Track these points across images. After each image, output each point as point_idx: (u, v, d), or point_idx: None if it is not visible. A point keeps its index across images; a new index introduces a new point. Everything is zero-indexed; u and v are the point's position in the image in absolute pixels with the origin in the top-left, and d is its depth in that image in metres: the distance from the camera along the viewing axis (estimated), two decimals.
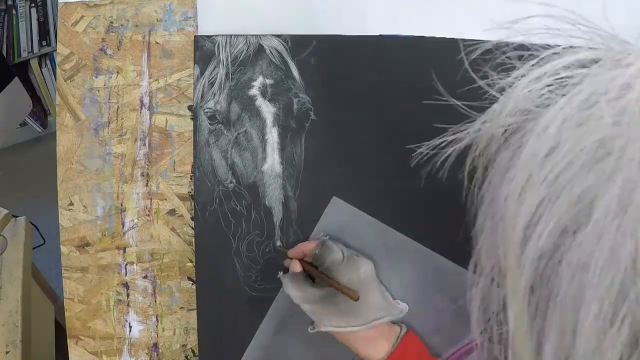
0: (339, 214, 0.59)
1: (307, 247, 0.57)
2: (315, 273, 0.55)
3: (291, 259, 0.58)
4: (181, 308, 0.63)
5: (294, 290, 0.54)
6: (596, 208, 0.17)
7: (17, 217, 0.96)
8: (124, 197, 0.63)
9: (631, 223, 0.16)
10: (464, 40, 0.60)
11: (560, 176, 0.18)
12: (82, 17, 0.62)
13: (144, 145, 0.62)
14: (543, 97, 0.20)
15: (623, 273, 0.15)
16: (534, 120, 0.20)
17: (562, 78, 0.20)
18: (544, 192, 0.18)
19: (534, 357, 0.18)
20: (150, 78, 0.62)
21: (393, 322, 0.55)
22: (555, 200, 0.18)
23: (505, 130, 0.22)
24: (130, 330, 0.64)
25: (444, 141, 0.25)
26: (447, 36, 0.60)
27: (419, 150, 0.26)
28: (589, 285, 0.16)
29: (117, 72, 0.62)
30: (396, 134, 0.60)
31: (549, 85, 0.20)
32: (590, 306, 0.16)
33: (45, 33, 1.62)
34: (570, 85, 0.20)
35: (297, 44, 0.60)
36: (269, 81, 0.60)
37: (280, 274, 0.58)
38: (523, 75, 0.21)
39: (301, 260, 0.57)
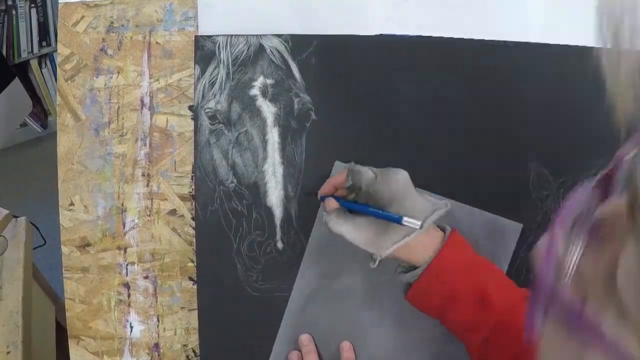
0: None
1: (337, 181, 0.55)
2: (354, 208, 0.53)
3: (321, 199, 0.57)
4: (182, 308, 0.63)
5: (345, 226, 0.52)
6: None
7: (17, 217, 0.96)
8: (125, 197, 0.63)
9: None
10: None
11: None
12: (82, 17, 0.62)
13: (145, 145, 0.62)
14: None
15: None
16: None
17: None
18: None
19: None
20: (150, 78, 0.62)
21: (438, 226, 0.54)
22: None
23: None
24: (131, 331, 0.64)
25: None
26: (447, 36, 0.60)
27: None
28: None
29: (118, 72, 0.62)
30: (396, 134, 0.61)
31: None
32: None
33: (45, 33, 1.62)
34: None
35: (298, 44, 0.60)
36: (269, 81, 0.60)
37: (325, 214, 0.54)
38: None
39: (334, 197, 0.55)
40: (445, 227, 0.54)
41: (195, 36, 0.61)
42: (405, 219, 0.49)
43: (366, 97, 0.60)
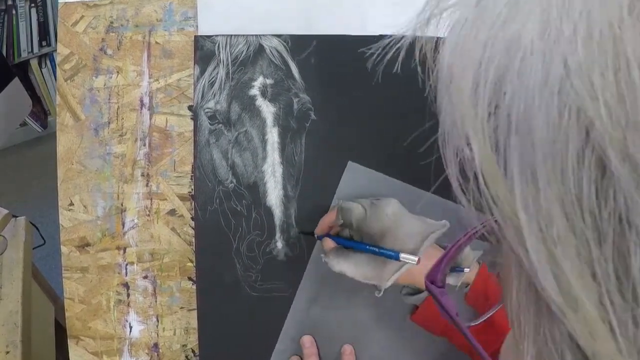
0: (356, 178, 0.59)
1: (330, 219, 0.56)
2: (350, 245, 0.54)
3: (318, 237, 0.57)
4: (181, 308, 0.63)
5: (344, 264, 0.53)
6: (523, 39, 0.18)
7: (17, 217, 0.96)
8: (124, 197, 0.63)
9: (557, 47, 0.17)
10: None
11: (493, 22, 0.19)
12: (82, 17, 0.62)
13: (144, 145, 0.62)
14: None
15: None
16: None
17: None
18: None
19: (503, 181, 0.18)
20: (150, 78, 0.62)
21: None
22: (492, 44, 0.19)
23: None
24: (130, 331, 0.64)
25: (392, 40, 0.26)
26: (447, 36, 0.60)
27: (370, 52, 0.27)
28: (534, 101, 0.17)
29: (117, 72, 0.62)
30: (396, 134, 0.61)
31: None
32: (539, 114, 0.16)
33: (45, 33, 1.62)
34: None
35: (297, 44, 0.60)
36: (269, 81, 0.60)
37: (323, 256, 0.56)
38: None
39: (330, 235, 0.56)
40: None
41: (195, 36, 0.61)
42: (402, 255, 0.49)
43: (366, 97, 0.60)
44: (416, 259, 0.49)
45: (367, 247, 0.52)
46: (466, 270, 0.51)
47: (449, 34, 0.22)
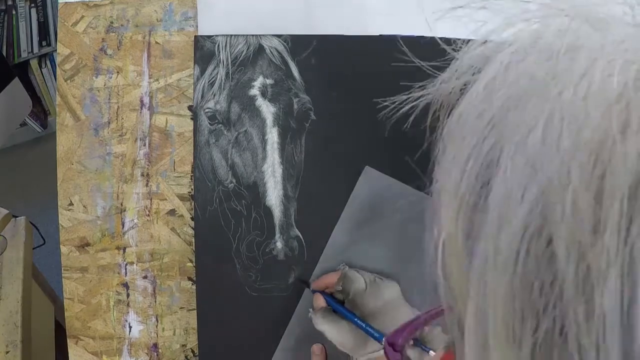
0: (372, 183, 0.59)
1: (329, 280, 0.57)
2: (340, 311, 0.55)
3: (313, 291, 0.58)
4: (181, 308, 0.63)
5: (327, 327, 0.54)
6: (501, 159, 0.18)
7: (17, 217, 0.96)
8: (124, 197, 0.63)
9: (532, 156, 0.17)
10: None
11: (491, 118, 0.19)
12: (82, 17, 0.62)
13: (144, 145, 0.62)
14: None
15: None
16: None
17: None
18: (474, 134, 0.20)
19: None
20: (150, 78, 0.62)
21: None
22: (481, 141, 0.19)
23: (463, 87, 0.23)
24: (130, 330, 0.64)
25: (410, 97, 0.27)
26: (447, 36, 0.60)
27: (384, 104, 0.28)
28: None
29: (117, 72, 0.62)
30: (395, 134, 0.61)
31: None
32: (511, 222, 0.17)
33: (45, 33, 1.62)
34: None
35: (297, 44, 0.60)
36: (269, 81, 0.60)
37: (311, 311, 0.58)
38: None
39: (324, 293, 0.57)
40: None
41: (195, 36, 0.61)
42: (384, 340, 0.50)
43: (366, 97, 0.60)
44: None
45: (356, 319, 0.53)
46: (432, 353, 0.50)
47: (460, 103, 0.22)
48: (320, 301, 0.57)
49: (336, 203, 0.60)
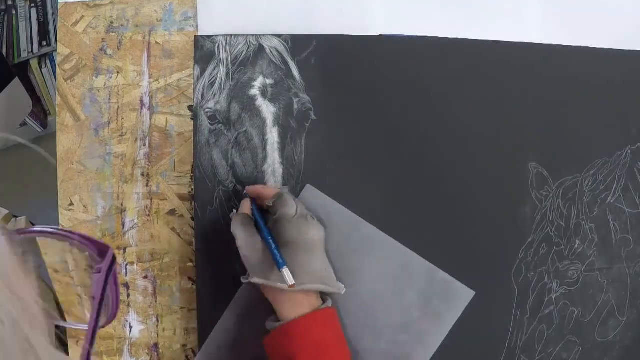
0: (312, 201, 0.59)
1: (264, 192, 0.56)
2: (259, 224, 0.54)
3: (244, 195, 0.57)
4: (181, 308, 0.63)
5: (239, 232, 0.53)
6: None
7: (17, 217, 0.96)
8: (124, 197, 0.63)
9: None
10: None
11: None
12: (82, 17, 0.62)
13: (144, 145, 0.62)
14: None
15: None
16: None
17: None
18: None
19: None
20: (150, 78, 0.62)
21: (326, 298, 0.54)
22: None
23: None
24: (130, 331, 0.64)
25: None
26: (447, 36, 0.60)
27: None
28: None
29: (117, 72, 0.62)
30: (396, 133, 0.61)
31: None
32: None
33: (45, 33, 1.62)
34: None
35: (298, 44, 0.60)
36: (269, 81, 0.60)
37: (234, 212, 0.57)
38: None
39: (254, 201, 0.56)
40: (327, 299, 0.54)
41: (195, 36, 0.61)
42: (285, 269, 0.49)
43: (366, 97, 0.60)
44: (291, 282, 0.48)
45: (268, 237, 0.52)
46: (286, 281, 0.49)
47: None
48: (246, 207, 0.55)
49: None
